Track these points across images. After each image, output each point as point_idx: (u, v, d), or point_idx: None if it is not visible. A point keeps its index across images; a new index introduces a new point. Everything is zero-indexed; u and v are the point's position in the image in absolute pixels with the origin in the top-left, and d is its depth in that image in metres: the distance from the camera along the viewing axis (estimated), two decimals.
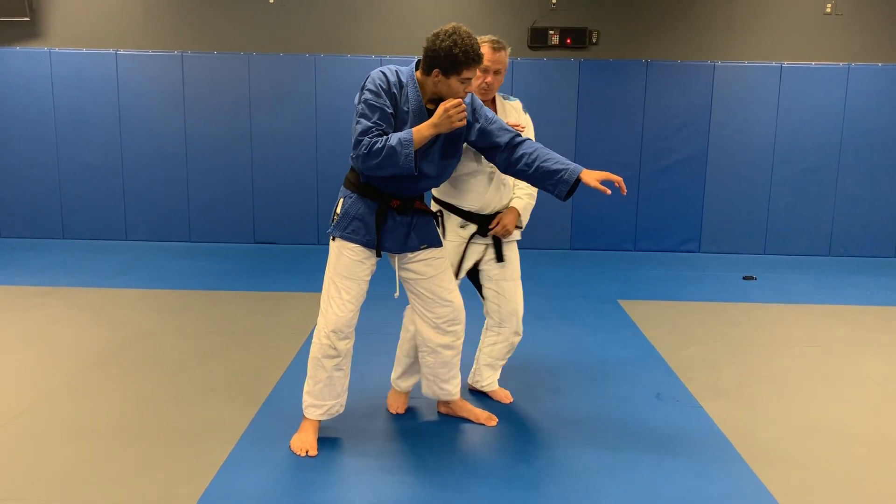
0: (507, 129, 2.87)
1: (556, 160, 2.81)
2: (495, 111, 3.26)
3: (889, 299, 5.78)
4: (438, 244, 2.97)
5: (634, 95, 7.49)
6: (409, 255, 2.92)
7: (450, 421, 3.27)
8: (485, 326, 3.45)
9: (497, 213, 3.24)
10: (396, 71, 2.76)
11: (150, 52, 7.44)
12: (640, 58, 7.46)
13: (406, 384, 3.38)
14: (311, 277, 6.07)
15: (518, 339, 3.42)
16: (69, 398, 3.44)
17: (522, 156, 2.83)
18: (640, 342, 4.50)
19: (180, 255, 7.03)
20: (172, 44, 7.47)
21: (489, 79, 3.13)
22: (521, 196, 3.28)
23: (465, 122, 2.57)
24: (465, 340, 3.14)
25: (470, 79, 2.67)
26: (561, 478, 2.77)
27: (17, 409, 3.28)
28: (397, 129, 2.70)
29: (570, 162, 2.82)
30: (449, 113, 2.57)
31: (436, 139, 2.74)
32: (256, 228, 7.72)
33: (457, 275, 3.21)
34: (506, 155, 2.86)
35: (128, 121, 7.52)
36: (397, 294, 3.02)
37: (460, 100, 2.58)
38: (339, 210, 2.85)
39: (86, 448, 2.93)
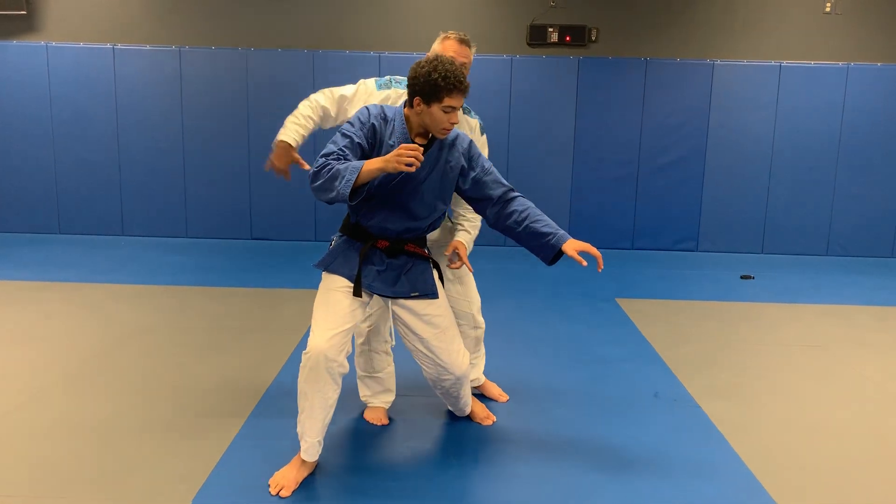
0: (501, 183, 2.76)
1: (546, 223, 2.71)
2: None
3: (887, 299, 5.78)
4: (433, 295, 2.78)
5: (633, 94, 7.48)
6: (404, 303, 2.75)
7: (445, 420, 3.26)
8: None
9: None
10: (383, 107, 2.69)
11: (148, 47, 7.40)
12: (640, 56, 7.45)
13: (377, 399, 3.29)
14: (307, 274, 6.02)
15: (479, 331, 3.36)
16: (65, 394, 3.43)
17: (513, 212, 2.72)
18: (638, 341, 4.49)
19: (177, 251, 7.01)
20: (170, 39, 7.44)
21: None
22: (469, 230, 3.10)
23: (409, 169, 2.36)
24: None
25: (454, 108, 2.53)
26: (558, 477, 2.75)
27: (12, 404, 3.27)
28: None
29: (558, 228, 2.72)
30: (399, 152, 2.37)
31: (425, 179, 2.64)
32: (253, 224, 7.69)
33: None
34: (497, 209, 2.75)
35: (125, 116, 7.48)
36: (393, 343, 2.97)
37: (418, 147, 2.39)
38: (329, 249, 2.80)
39: (82, 444, 2.91)
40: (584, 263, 2.59)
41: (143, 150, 7.55)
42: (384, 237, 2.71)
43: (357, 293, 2.65)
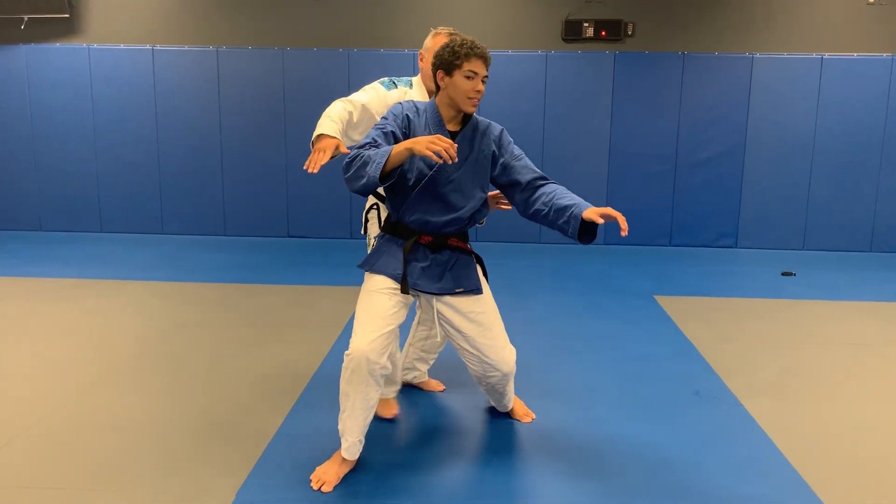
0: (531, 169, 2.76)
1: (571, 198, 2.65)
2: None
3: None
4: (478, 290, 2.77)
5: (671, 88, 7.39)
6: (448, 300, 2.75)
7: (485, 417, 3.26)
8: (416, 320, 3.36)
9: None
10: (414, 101, 2.74)
11: (186, 48, 7.51)
12: (677, 50, 7.36)
13: (385, 391, 3.20)
14: (344, 271, 6.09)
15: None
16: (110, 389, 3.49)
17: (541, 195, 2.69)
18: (678, 338, 4.44)
19: (215, 249, 7.10)
20: (208, 39, 7.54)
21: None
22: None
23: (436, 159, 2.33)
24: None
25: (476, 73, 2.56)
26: (598, 475, 2.73)
27: (58, 399, 3.34)
28: None
29: (583, 200, 2.64)
30: (432, 140, 2.34)
31: (460, 167, 2.65)
32: (290, 222, 7.77)
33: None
34: (526, 195, 2.73)
35: (164, 115, 7.61)
36: (438, 338, 2.94)
37: (454, 144, 2.36)
38: (372, 249, 2.80)
39: (126, 439, 2.96)
40: (601, 222, 2.48)
41: (182, 150, 7.67)
42: (427, 232, 2.71)
43: (404, 290, 2.65)
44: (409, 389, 3.50)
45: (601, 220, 2.49)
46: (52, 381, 3.58)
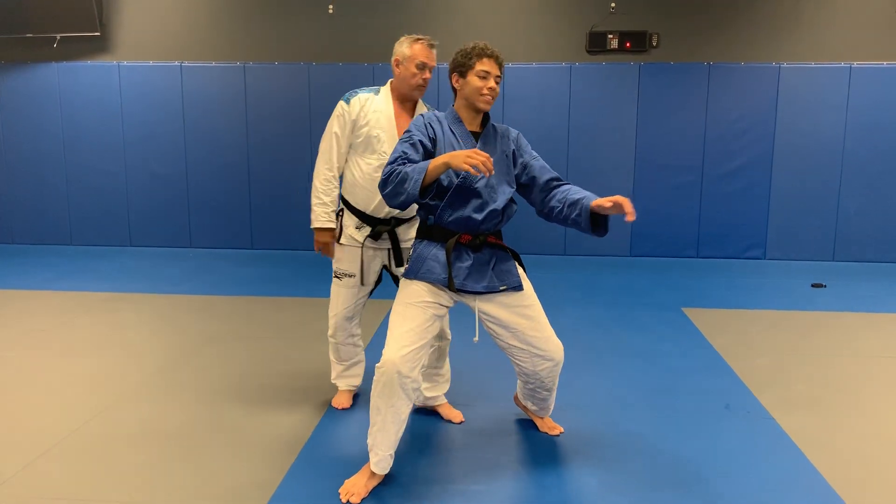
0: (548, 169, 2.85)
1: (584, 193, 2.71)
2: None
3: None
4: (520, 286, 2.81)
5: (696, 99, 7.35)
6: (494, 299, 2.77)
7: (514, 430, 3.24)
8: None
9: (393, 217, 3.17)
10: (433, 112, 2.86)
11: (214, 64, 7.61)
12: (702, 60, 7.32)
13: (347, 382, 3.49)
14: None
15: (446, 343, 3.32)
16: (141, 402, 3.53)
17: (557, 193, 2.77)
18: (707, 352, 4.39)
19: (243, 262, 7.16)
20: (235, 55, 7.64)
21: (426, 75, 3.20)
22: None
23: (473, 172, 2.41)
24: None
25: (488, 72, 2.68)
26: (629, 490, 2.71)
27: (90, 412, 3.38)
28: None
29: (595, 195, 2.69)
30: (469, 154, 2.42)
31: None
32: None
33: (362, 282, 3.24)
34: (543, 195, 2.81)
35: (192, 131, 7.71)
36: (477, 338, 2.96)
37: (490, 158, 2.44)
38: (411, 256, 2.83)
39: (156, 452, 2.99)
40: (609, 205, 2.52)
41: (209, 164, 7.77)
42: (466, 230, 2.74)
43: (451, 287, 2.68)
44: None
45: (609, 204, 2.53)
46: (86, 392, 3.62)
